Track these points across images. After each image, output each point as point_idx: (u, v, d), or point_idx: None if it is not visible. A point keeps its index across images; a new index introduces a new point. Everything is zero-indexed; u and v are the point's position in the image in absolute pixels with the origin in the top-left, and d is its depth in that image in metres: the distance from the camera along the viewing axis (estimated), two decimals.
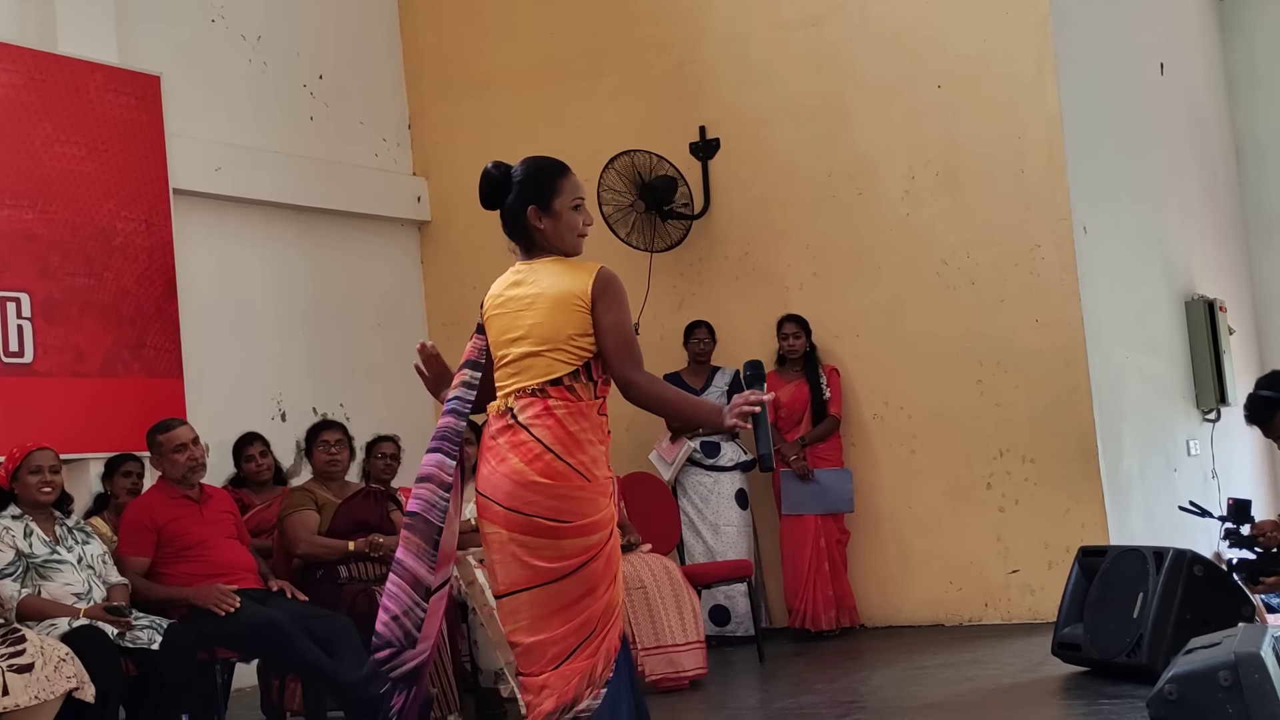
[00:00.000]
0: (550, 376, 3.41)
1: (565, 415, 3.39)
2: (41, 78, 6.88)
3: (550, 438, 3.37)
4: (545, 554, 3.36)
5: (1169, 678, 3.76)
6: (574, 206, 3.51)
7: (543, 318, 3.43)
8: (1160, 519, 7.80)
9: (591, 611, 3.37)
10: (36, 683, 4.57)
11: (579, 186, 3.54)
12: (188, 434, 5.73)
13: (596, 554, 3.37)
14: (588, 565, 3.36)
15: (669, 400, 3.47)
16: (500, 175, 3.55)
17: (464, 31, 9.08)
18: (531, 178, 3.52)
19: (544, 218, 3.49)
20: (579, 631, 3.36)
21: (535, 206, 3.49)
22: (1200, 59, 10.26)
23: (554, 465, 3.35)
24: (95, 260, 7.04)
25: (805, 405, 7.72)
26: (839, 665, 6.75)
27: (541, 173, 3.53)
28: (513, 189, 3.52)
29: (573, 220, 3.50)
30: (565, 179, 3.52)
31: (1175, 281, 8.97)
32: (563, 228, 3.50)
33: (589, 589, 3.37)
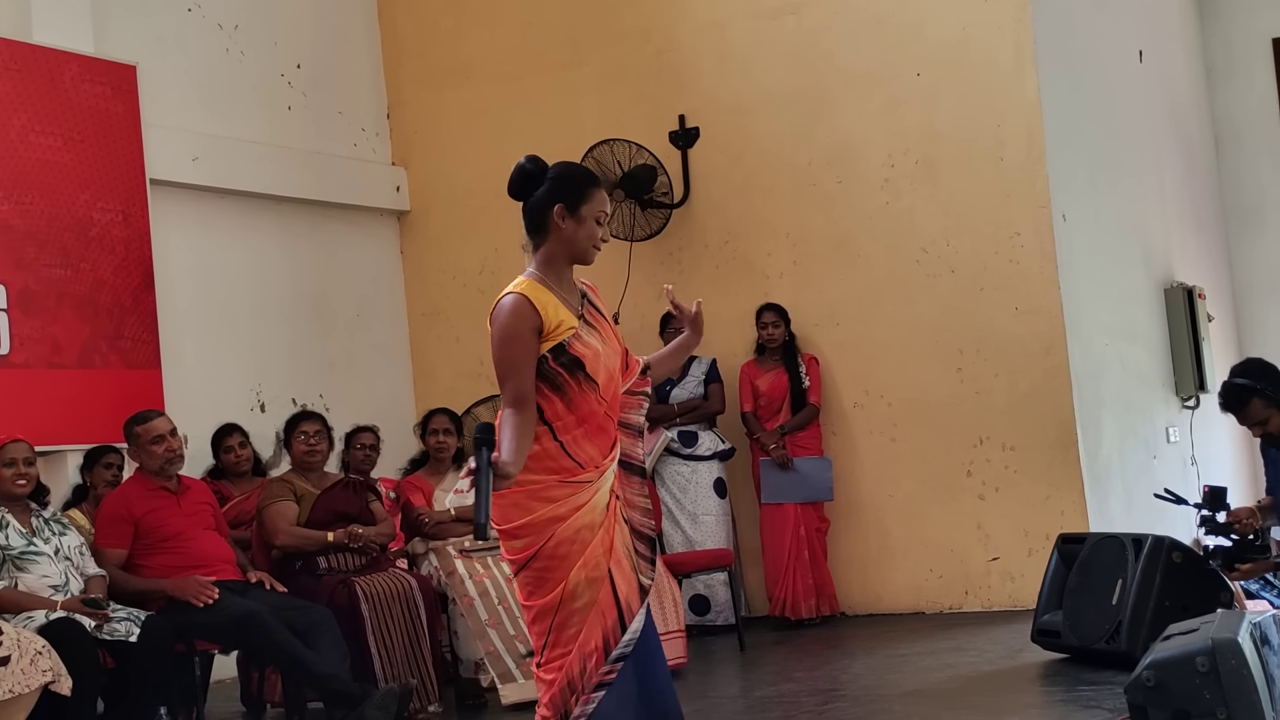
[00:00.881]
0: None
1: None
2: (16, 68, 6.83)
3: None
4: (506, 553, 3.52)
5: (1147, 664, 3.76)
6: (598, 219, 3.53)
7: None
8: (1140, 506, 7.83)
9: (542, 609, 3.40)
10: (12, 676, 4.55)
11: (607, 202, 3.57)
12: (165, 425, 5.70)
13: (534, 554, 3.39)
14: (529, 565, 3.41)
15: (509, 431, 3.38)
16: (535, 170, 3.55)
17: (442, 21, 9.04)
18: (567, 177, 3.55)
19: (568, 218, 3.49)
20: (539, 636, 3.41)
21: (563, 205, 3.50)
22: (1179, 46, 10.28)
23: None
24: (72, 251, 6.99)
25: (784, 394, 7.73)
26: (819, 654, 6.76)
27: (578, 177, 3.57)
28: (545, 184, 3.52)
29: (593, 231, 3.52)
30: (598, 190, 3.55)
31: (1154, 269, 9.00)
32: (582, 234, 3.50)
33: (535, 586, 3.41)
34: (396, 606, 5.75)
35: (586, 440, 3.46)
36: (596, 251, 3.56)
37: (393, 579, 5.86)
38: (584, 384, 3.44)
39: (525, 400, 3.39)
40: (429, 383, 8.94)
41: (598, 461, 3.48)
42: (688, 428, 7.78)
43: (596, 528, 3.44)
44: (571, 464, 3.46)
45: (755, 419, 7.76)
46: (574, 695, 3.34)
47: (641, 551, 3.53)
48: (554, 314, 3.45)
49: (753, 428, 7.76)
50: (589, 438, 3.47)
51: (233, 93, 8.15)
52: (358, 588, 5.71)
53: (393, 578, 5.88)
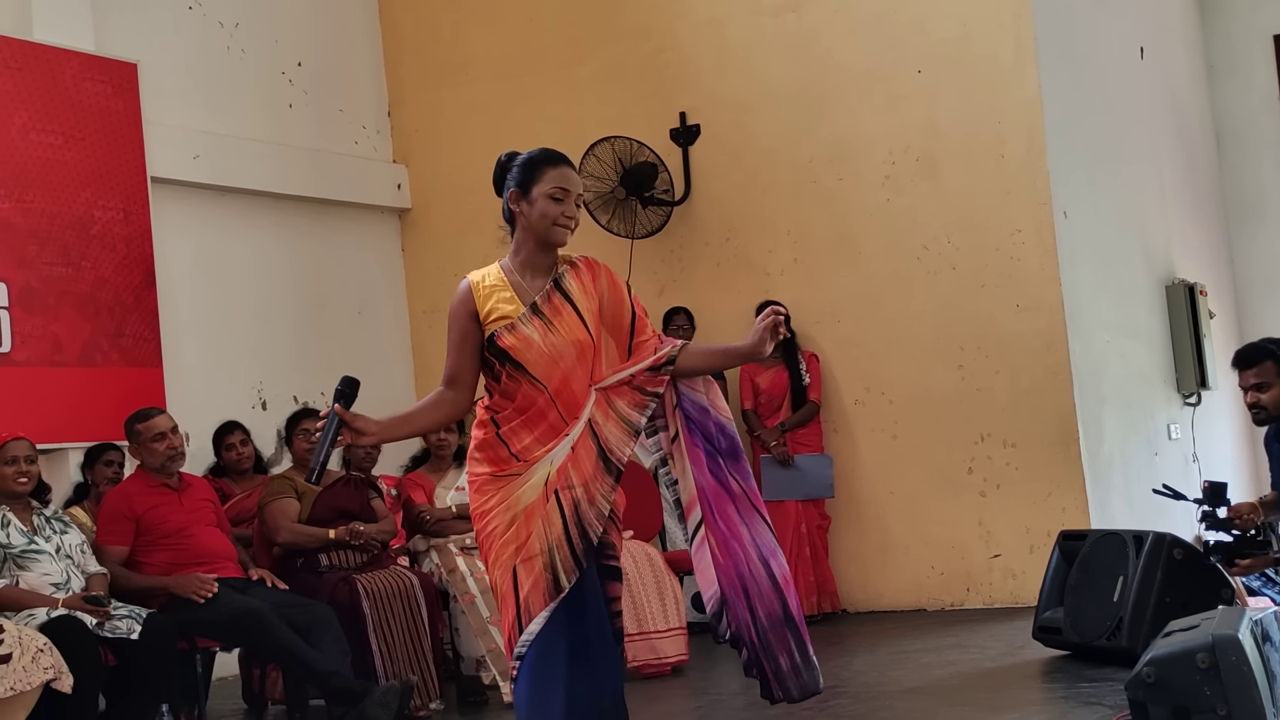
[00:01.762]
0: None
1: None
2: (17, 66, 6.83)
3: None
4: None
5: (1147, 660, 3.76)
6: (553, 196, 3.48)
7: None
8: (1141, 503, 7.83)
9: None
10: (14, 673, 4.55)
11: (567, 179, 3.51)
12: (166, 423, 5.70)
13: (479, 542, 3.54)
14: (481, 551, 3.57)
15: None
16: (506, 160, 3.59)
17: (443, 18, 9.04)
18: (520, 162, 3.54)
19: (521, 201, 3.51)
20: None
21: (516, 190, 3.52)
22: (1180, 43, 10.28)
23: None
24: (73, 249, 7.00)
25: (785, 391, 7.73)
26: (820, 650, 6.62)
27: (530, 159, 3.54)
28: (508, 173, 3.57)
29: (547, 208, 3.48)
30: (552, 167, 3.51)
31: (1156, 265, 8.99)
32: (535, 214, 3.50)
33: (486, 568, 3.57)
34: (398, 604, 5.75)
35: (524, 429, 3.49)
36: (563, 229, 3.52)
37: (394, 576, 5.86)
38: (516, 374, 3.47)
39: (451, 380, 3.56)
40: (430, 380, 8.91)
41: (532, 452, 3.47)
42: None
43: (510, 524, 3.46)
44: (506, 454, 3.49)
45: (756, 416, 7.76)
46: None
47: (576, 549, 3.45)
48: (489, 303, 3.51)
49: (753, 425, 7.76)
50: (527, 427, 3.49)
51: (233, 90, 8.16)
52: (359, 585, 5.71)
53: (394, 575, 5.88)
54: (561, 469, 3.47)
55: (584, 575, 3.47)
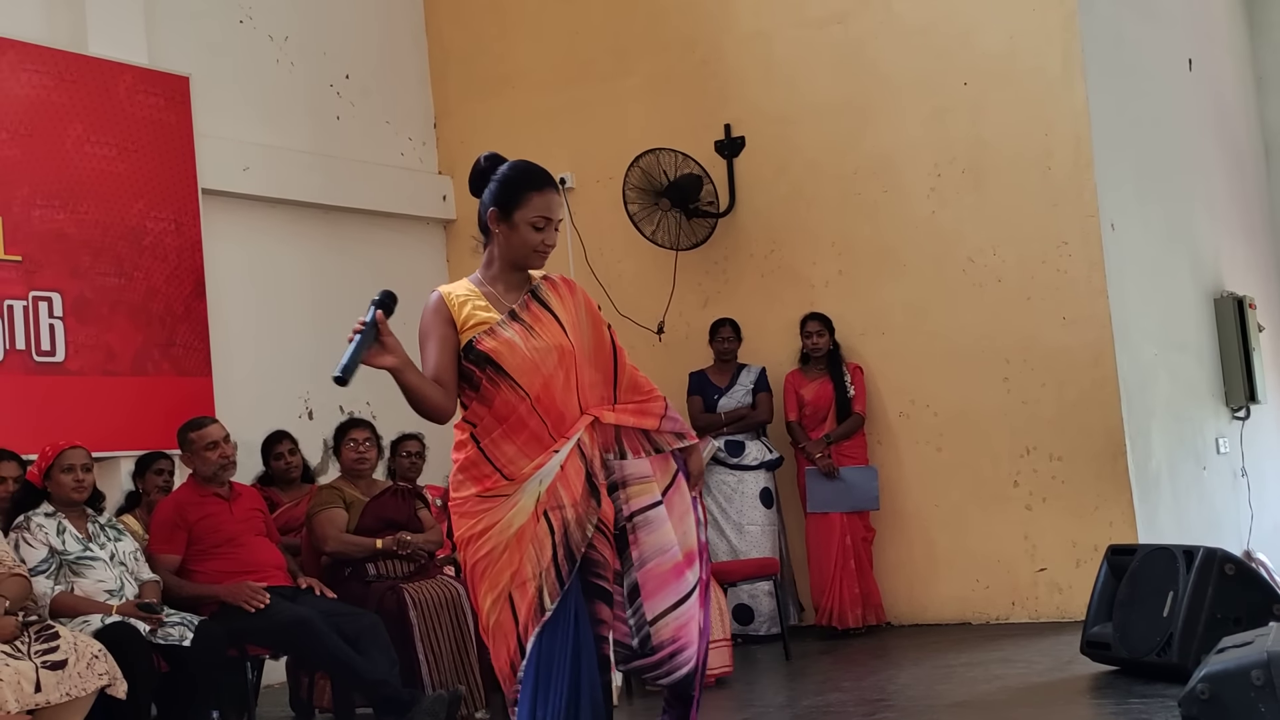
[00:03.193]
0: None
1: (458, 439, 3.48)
2: (72, 79, 6.93)
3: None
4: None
5: (1201, 676, 3.74)
6: (534, 225, 3.39)
7: None
8: (1190, 517, 7.77)
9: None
10: (69, 679, 4.60)
11: (550, 206, 3.40)
12: (219, 431, 5.76)
13: (465, 571, 3.42)
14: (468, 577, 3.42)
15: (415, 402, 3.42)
16: (487, 167, 3.47)
17: (489, 30, 9.10)
18: (505, 180, 3.42)
19: (500, 224, 3.41)
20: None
21: (497, 210, 3.41)
22: (1228, 55, 10.21)
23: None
24: (125, 260, 7.08)
25: (830, 403, 7.72)
26: (866, 663, 6.74)
27: (516, 180, 3.42)
28: (488, 184, 3.44)
29: (528, 237, 3.39)
30: (537, 194, 3.39)
31: (1204, 278, 8.93)
32: (515, 239, 3.41)
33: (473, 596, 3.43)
34: (444, 613, 5.79)
35: (506, 440, 3.35)
36: (540, 255, 3.43)
37: (441, 586, 5.90)
38: (497, 379, 3.35)
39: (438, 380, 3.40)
40: None
41: (520, 467, 3.34)
42: (735, 437, 7.78)
43: (504, 550, 3.34)
44: (491, 471, 3.35)
45: (800, 428, 7.76)
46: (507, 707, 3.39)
47: (561, 571, 3.35)
48: (464, 310, 3.39)
49: (798, 437, 7.75)
50: (508, 437, 3.35)
51: (283, 103, 8.24)
52: (406, 594, 5.75)
53: (441, 584, 5.91)
54: (551, 488, 3.35)
55: (569, 594, 3.35)
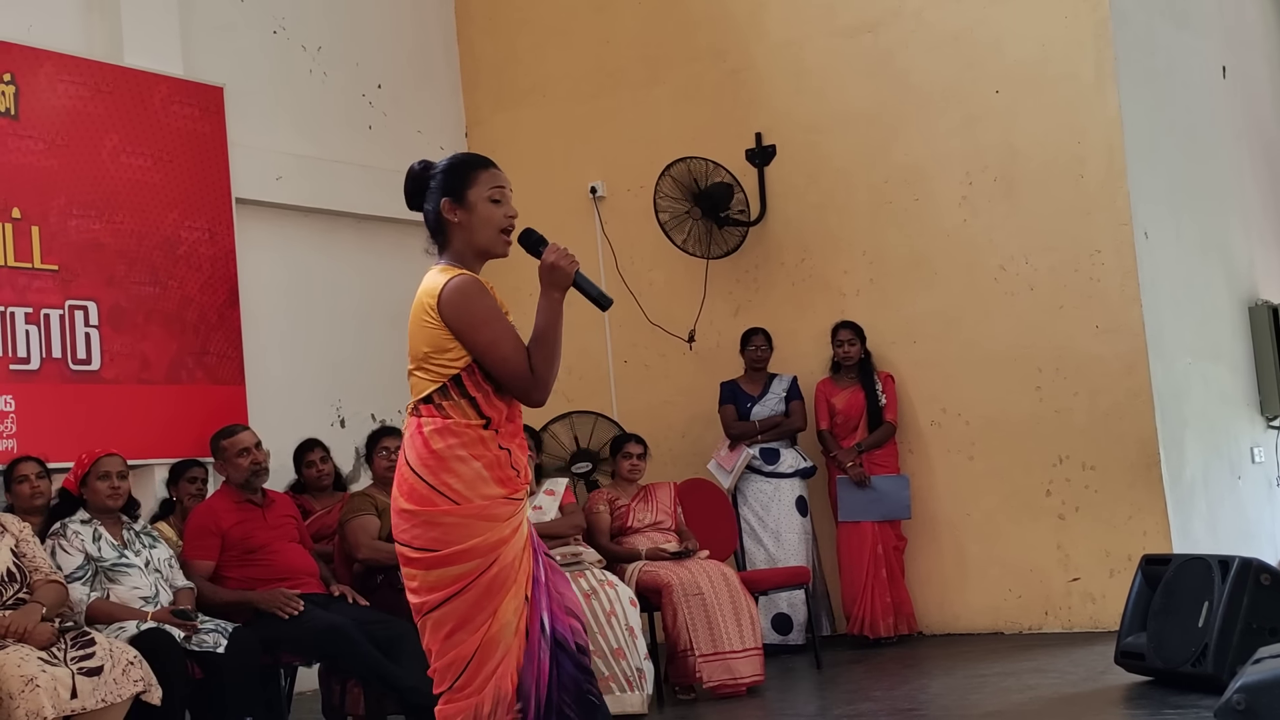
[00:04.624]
0: (421, 395, 3.18)
1: (431, 433, 3.13)
2: (108, 89, 6.99)
3: (415, 459, 3.13)
4: (414, 585, 3.12)
5: (1238, 687, 3.70)
6: (491, 199, 3.23)
7: (409, 333, 3.22)
8: (1224, 527, 7.71)
9: (461, 650, 3.08)
10: (105, 685, 4.64)
11: (499, 178, 3.26)
12: (251, 439, 5.80)
13: (468, 585, 3.06)
14: (457, 597, 3.06)
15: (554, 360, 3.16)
16: (421, 170, 3.32)
17: (520, 40, 9.13)
18: (448, 169, 3.28)
19: (457, 210, 3.23)
20: (448, 670, 3.10)
21: (449, 199, 3.24)
22: (1263, 62, 10.14)
23: (416, 488, 3.10)
24: (160, 269, 7.14)
25: (861, 412, 7.70)
26: (897, 673, 6.72)
27: (458, 164, 3.30)
28: (430, 184, 3.28)
29: (489, 212, 3.22)
30: (483, 170, 3.26)
31: (1238, 286, 8.86)
32: (477, 220, 3.23)
33: (460, 623, 3.07)
34: None
35: (515, 437, 3.20)
36: (506, 238, 3.27)
37: None
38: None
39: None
40: None
41: (527, 473, 3.23)
42: (770, 445, 7.77)
43: (523, 551, 3.16)
44: (513, 474, 3.17)
45: (832, 437, 7.75)
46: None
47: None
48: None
49: (829, 445, 7.74)
50: (516, 435, 3.21)
51: (316, 113, 8.29)
52: None
53: None
54: None
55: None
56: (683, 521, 6.90)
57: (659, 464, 7.67)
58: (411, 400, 3.22)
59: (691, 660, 6.23)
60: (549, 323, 3.15)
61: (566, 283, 3.19)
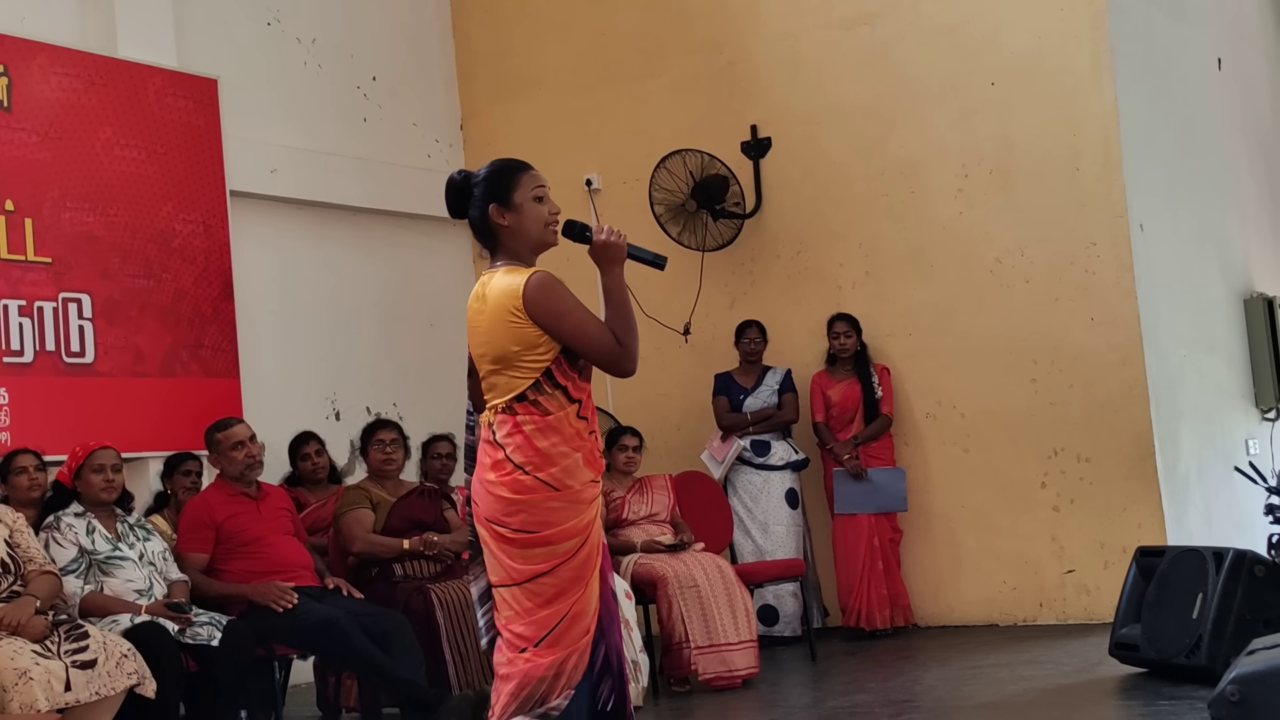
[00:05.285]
0: (514, 394, 3.39)
1: (533, 431, 3.37)
2: (101, 82, 6.98)
3: (520, 456, 3.36)
4: (517, 559, 3.37)
5: (1231, 678, 3.71)
6: (536, 198, 3.46)
7: (490, 334, 3.41)
8: (1219, 519, 7.72)
9: (553, 613, 3.36)
10: (99, 678, 4.64)
11: (539, 179, 3.50)
12: (245, 431, 5.80)
13: (565, 561, 3.35)
14: (555, 571, 3.35)
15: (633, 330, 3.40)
16: (462, 180, 3.52)
17: (516, 32, 9.12)
18: (490, 176, 3.49)
19: (506, 214, 3.44)
20: (538, 628, 3.35)
21: (496, 204, 3.45)
22: (1259, 54, 10.14)
23: (521, 480, 3.34)
24: (154, 262, 7.13)
25: (857, 404, 7.70)
26: (892, 665, 6.73)
27: (499, 170, 3.51)
28: (474, 191, 3.48)
29: (536, 211, 3.45)
30: (524, 172, 3.49)
31: (1233, 279, 8.87)
32: (527, 220, 3.45)
33: (558, 593, 3.35)
34: (471, 614, 5.78)
35: (594, 423, 3.46)
36: (555, 231, 3.49)
37: (467, 586, 5.90)
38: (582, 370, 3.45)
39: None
40: None
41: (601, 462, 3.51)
42: (760, 437, 7.78)
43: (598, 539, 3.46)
44: (598, 456, 3.46)
45: (827, 429, 7.75)
46: (555, 686, 3.33)
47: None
48: None
49: (825, 438, 7.74)
50: (593, 417, 3.46)
51: (310, 105, 8.28)
52: (433, 595, 5.77)
53: (467, 585, 5.91)
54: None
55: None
56: (678, 514, 6.90)
57: (654, 456, 7.68)
58: (502, 398, 3.41)
59: (686, 652, 6.23)
60: (619, 297, 3.39)
61: (622, 256, 3.44)
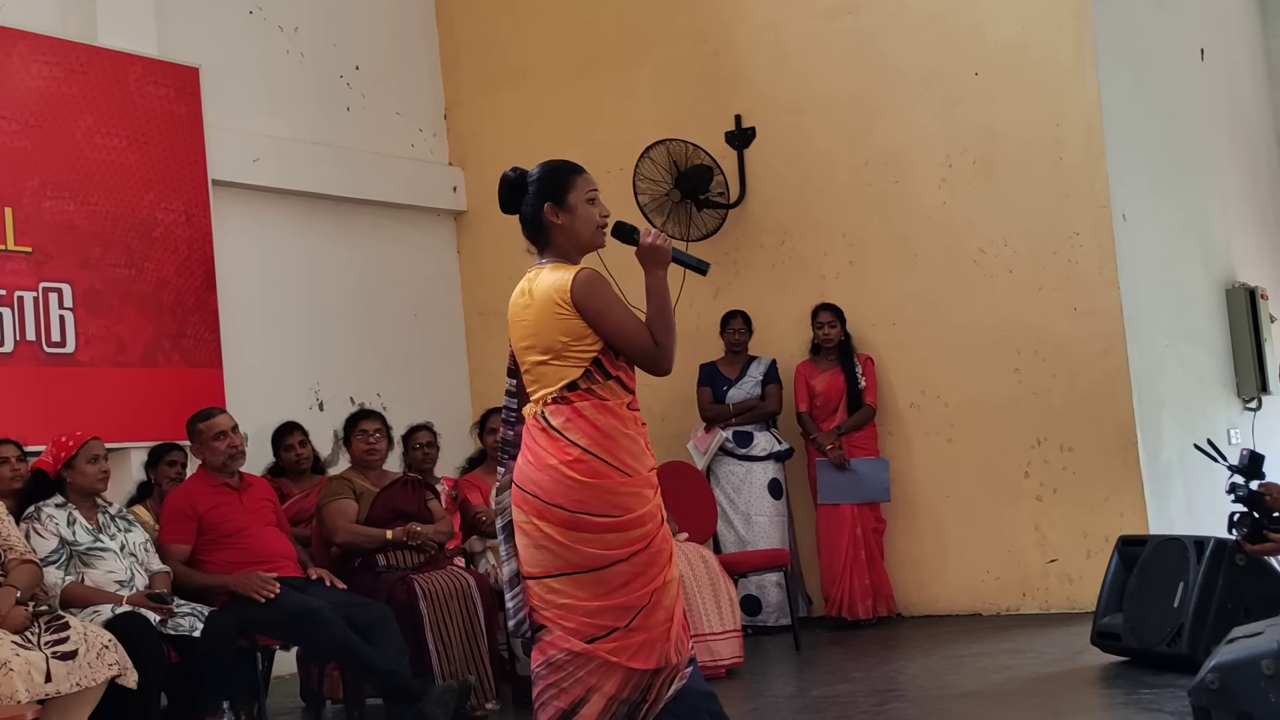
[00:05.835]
0: (565, 382, 3.50)
1: (593, 414, 3.49)
2: (82, 70, 6.94)
3: (586, 440, 3.46)
4: (592, 545, 3.46)
5: (1211, 666, 3.73)
6: (589, 200, 3.60)
7: (538, 326, 3.52)
8: (1201, 508, 7.74)
9: (636, 597, 3.46)
10: (79, 669, 4.61)
11: (592, 182, 3.64)
12: (227, 422, 5.77)
13: (646, 545, 3.48)
14: (636, 556, 3.47)
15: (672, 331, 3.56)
16: (517, 178, 3.65)
17: (500, 21, 9.09)
18: (546, 176, 3.62)
19: (560, 213, 3.58)
20: (620, 614, 3.45)
21: (551, 203, 3.58)
22: (1241, 44, 10.16)
23: (595, 466, 3.45)
24: (136, 251, 7.10)
25: (841, 394, 7.71)
26: (876, 654, 6.74)
27: (556, 171, 3.64)
28: (529, 189, 3.62)
29: (589, 213, 3.59)
30: (579, 175, 3.63)
31: (1215, 269, 8.90)
32: (579, 221, 3.59)
33: (635, 575, 3.46)
34: (454, 604, 5.79)
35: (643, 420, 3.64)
36: (604, 232, 3.64)
37: (451, 577, 5.90)
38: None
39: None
40: (485, 382, 8.99)
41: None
42: (743, 428, 7.78)
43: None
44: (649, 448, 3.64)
45: (811, 419, 7.75)
46: (668, 671, 3.47)
47: None
48: None
49: (808, 428, 7.75)
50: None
51: (293, 94, 8.24)
52: (416, 585, 5.76)
53: (451, 575, 5.92)
54: None
55: None
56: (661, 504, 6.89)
57: None
58: (553, 388, 3.51)
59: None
60: (660, 298, 3.55)
61: (667, 260, 3.58)
